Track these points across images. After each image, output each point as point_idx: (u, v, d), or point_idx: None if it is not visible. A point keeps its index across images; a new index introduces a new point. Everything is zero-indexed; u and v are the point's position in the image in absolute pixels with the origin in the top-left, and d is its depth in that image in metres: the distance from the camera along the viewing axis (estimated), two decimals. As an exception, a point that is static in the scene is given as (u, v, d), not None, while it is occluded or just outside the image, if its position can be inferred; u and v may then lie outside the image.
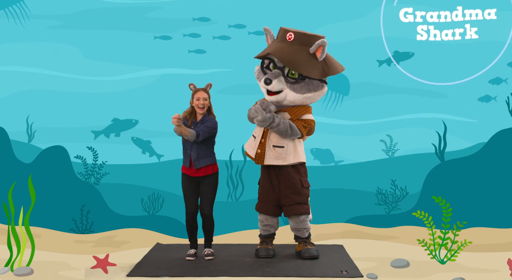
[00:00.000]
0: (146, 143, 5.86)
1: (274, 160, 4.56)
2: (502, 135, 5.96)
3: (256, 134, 4.65)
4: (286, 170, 4.60)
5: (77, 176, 5.99)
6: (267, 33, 4.65)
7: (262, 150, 4.58)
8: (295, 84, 4.46)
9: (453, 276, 4.08)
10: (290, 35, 4.45)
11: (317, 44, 4.36)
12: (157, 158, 6.03)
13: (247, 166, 6.02)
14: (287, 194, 4.60)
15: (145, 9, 6.13)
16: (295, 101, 4.51)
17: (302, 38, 4.43)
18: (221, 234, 5.59)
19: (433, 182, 5.96)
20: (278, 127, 4.41)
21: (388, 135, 6.10)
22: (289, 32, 4.47)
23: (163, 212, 5.97)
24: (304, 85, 4.47)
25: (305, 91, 4.48)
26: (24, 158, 5.99)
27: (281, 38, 4.52)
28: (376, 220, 5.97)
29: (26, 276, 4.17)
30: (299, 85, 4.47)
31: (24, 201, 4.78)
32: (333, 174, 6.03)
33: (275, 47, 4.50)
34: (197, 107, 4.56)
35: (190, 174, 4.60)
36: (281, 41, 4.50)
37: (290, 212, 4.61)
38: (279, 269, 4.26)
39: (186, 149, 4.59)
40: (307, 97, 4.51)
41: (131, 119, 5.91)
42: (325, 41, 4.35)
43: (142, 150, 5.95)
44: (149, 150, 5.92)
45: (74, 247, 5.34)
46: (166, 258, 4.68)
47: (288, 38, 4.46)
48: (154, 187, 6.00)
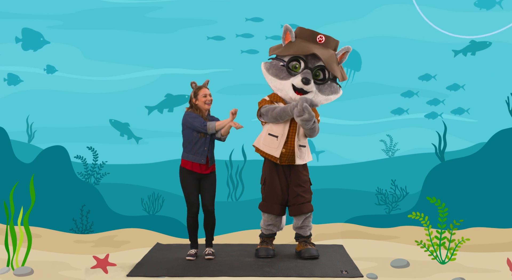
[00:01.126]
0: (124, 126, 5.81)
1: (299, 159, 4.61)
2: (502, 135, 5.96)
3: (279, 134, 4.56)
4: (298, 169, 4.64)
5: (77, 176, 5.99)
6: (289, 31, 4.58)
7: (287, 149, 4.55)
8: (321, 85, 4.56)
9: (453, 276, 4.08)
10: (321, 38, 4.55)
11: (343, 49, 4.54)
12: (136, 141, 5.98)
13: (247, 166, 6.02)
14: (298, 192, 4.61)
15: (145, 9, 6.13)
16: (320, 101, 4.58)
17: (332, 42, 4.58)
18: (221, 234, 5.59)
19: (433, 182, 5.96)
20: (315, 126, 4.46)
21: (388, 135, 6.11)
22: (319, 35, 4.55)
23: (163, 212, 5.97)
24: (327, 87, 4.59)
25: (328, 93, 4.58)
26: (24, 158, 5.99)
27: (310, 39, 4.55)
28: (376, 220, 5.98)
29: (26, 276, 4.17)
30: (324, 87, 4.57)
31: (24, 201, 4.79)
32: (333, 174, 6.03)
33: (315, 48, 4.48)
34: (204, 104, 4.57)
35: (201, 171, 4.58)
36: (312, 42, 4.54)
37: (299, 211, 4.62)
38: (279, 269, 4.26)
39: (203, 145, 4.55)
40: (328, 99, 4.61)
41: (183, 95, 5.89)
42: (350, 47, 4.55)
43: (120, 133, 5.90)
44: (127, 133, 5.87)
45: (74, 247, 5.34)
46: (166, 258, 4.68)
47: (318, 40, 4.54)
48: (154, 187, 6.00)
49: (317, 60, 4.53)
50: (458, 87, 6.05)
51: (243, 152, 6.02)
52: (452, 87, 6.06)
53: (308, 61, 4.53)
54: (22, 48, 5.99)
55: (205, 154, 4.55)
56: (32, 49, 5.93)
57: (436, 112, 6.09)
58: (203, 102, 4.56)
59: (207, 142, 4.55)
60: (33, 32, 5.88)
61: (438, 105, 6.07)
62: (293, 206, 4.64)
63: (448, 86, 6.06)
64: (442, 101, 6.07)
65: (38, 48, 5.94)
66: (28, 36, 5.91)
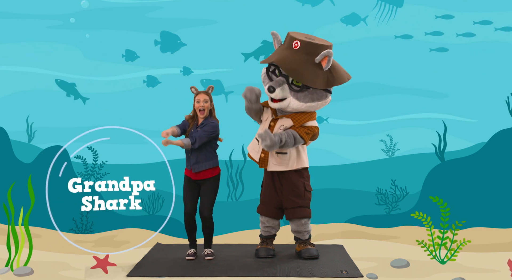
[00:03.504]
0: (70, 86, 5.75)
1: (277, 166, 4.56)
2: (502, 135, 5.96)
3: None
4: (289, 174, 4.60)
5: (77, 176, 5.99)
6: (275, 38, 4.59)
7: (265, 154, 4.56)
8: (298, 93, 4.43)
9: (453, 276, 4.08)
10: (296, 44, 4.37)
11: (322, 54, 4.29)
12: (83, 101, 5.93)
13: (247, 166, 6.02)
14: (289, 197, 4.60)
15: (145, 9, 6.13)
16: (298, 109, 4.48)
17: (308, 47, 4.35)
18: (221, 234, 5.59)
19: (433, 182, 5.96)
20: (286, 145, 4.41)
21: (388, 135, 6.11)
22: (295, 40, 4.38)
23: (163, 212, 5.97)
24: (308, 94, 4.43)
25: (308, 100, 4.44)
26: (24, 158, 5.99)
27: (288, 45, 4.45)
28: (376, 220, 5.97)
29: (26, 276, 4.17)
30: (302, 94, 4.43)
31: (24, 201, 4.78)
32: (333, 174, 6.02)
33: (280, 55, 4.45)
34: (197, 110, 4.57)
35: (191, 176, 4.64)
36: (287, 49, 4.44)
37: (292, 215, 4.60)
38: (279, 269, 4.26)
39: (188, 152, 4.61)
40: (310, 106, 4.47)
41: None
42: (330, 52, 4.28)
43: (67, 93, 5.84)
44: (74, 93, 5.80)
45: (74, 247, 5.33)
46: (166, 258, 4.68)
47: (294, 46, 4.38)
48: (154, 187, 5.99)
49: None
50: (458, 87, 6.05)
51: (243, 152, 6.02)
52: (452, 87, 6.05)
53: (280, 69, 4.47)
54: (161, 51, 6.04)
55: (190, 160, 4.60)
56: (169, 52, 5.98)
57: (436, 112, 6.08)
58: (196, 108, 4.59)
59: (190, 149, 4.57)
60: (171, 35, 5.95)
61: (438, 105, 6.06)
62: (287, 210, 4.64)
63: (448, 86, 6.05)
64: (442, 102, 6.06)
65: (175, 51, 6.00)
66: (166, 39, 5.97)
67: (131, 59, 5.85)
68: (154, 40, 5.93)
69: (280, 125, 4.52)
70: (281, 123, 4.53)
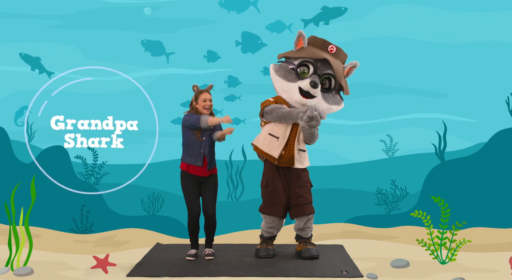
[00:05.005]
0: (35, 60, 5.68)
1: (298, 163, 4.63)
2: (502, 135, 5.96)
3: (280, 135, 4.56)
4: (297, 171, 4.66)
5: (77, 176, 5.99)
6: (303, 37, 4.65)
7: (287, 152, 4.57)
8: (325, 93, 4.59)
9: (453, 276, 4.08)
10: (332, 48, 4.62)
11: (351, 63, 4.64)
12: (48, 76, 5.87)
13: (247, 166, 6.02)
14: (300, 193, 4.61)
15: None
16: (323, 112, 4.57)
17: (341, 54, 4.66)
18: (221, 234, 5.59)
19: (433, 182, 5.96)
20: (315, 131, 4.51)
21: (388, 135, 6.11)
22: (331, 45, 4.61)
23: (163, 212, 5.97)
24: (332, 96, 4.62)
25: (332, 102, 4.61)
26: (24, 158, 5.99)
27: (322, 47, 4.61)
28: (376, 220, 5.98)
29: (26, 276, 4.17)
30: (328, 96, 4.60)
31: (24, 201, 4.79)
32: (333, 174, 6.03)
33: (326, 55, 4.54)
34: (203, 109, 4.57)
35: (199, 174, 4.58)
36: (323, 51, 4.59)
37: (301, 212, 4.61)
38: (279, 269, 4.26)
39: (199, 148, 4.56)
40: (330, 108, 4.62)
41: (339, 7, 5.84)
42: (358, 63, 4.66)
43: (31, 67, 5.78)
44: (39, 67, 5.74)
45: (74, 247, 5.34)
46: (166, 258, 4.68)
47: (330, 49, 4.61)
48: (154, 187, 6.01)
49: (325, 68, 4.57)
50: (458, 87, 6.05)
51: (243, 152, 6.02)
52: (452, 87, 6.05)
53: (317, 67, 4.56)
54: (242, 51, 6.04)
55: (201, 156, 4.54)
56: (250, 52, 5.99)
57: (436, 112, 6.08)
58: (202, 106, 4.56)
59: (203, 145, 4.55)
60: (251, 36, 5.96)
61: (438, 105, 6.06)
62: (295, 207, 4.64)
63: (448, 86, 6.06)
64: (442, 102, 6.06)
65: (256, 51, 6.01)
66: (247, 39, 5.98)
67: (212, 60, 5.85)
68: (235, 41, 5.94)
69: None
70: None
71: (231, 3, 5.99)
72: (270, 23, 6.03)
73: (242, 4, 6.02)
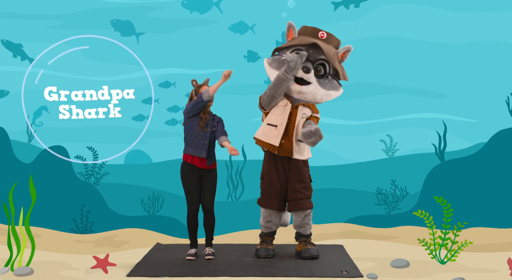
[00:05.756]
0: (17, 46, 5.63)
1: (297, 154, 4.62)
2: (502, 135, 5.96)
3: (278, 123, 4.55)
4: (297, 164, 4.64)
5: (77, 176, 5.99)
6: (293, 28, 4.69)
7: (286, 141, 4.56)
8: (321, 79, 4.58)
9: (453, 276, 4.08)
10: (323, 34, 4.62)
11: (345, 47, 4.62)
12: (29, 62, 5.81)
13: (247, 166, 6.02)
14: (297, 188, 4.61)
15: (145, 9, 6.12)
16: (317, 95, 4.57)
17: (333, 39, 4.66)
18: (221, 234, 5.59)
19: (433, 182, 5.96)
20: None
21: (388, 135, 6.10)
22: (321, 31, 4.62)
23: (163, 212, 5.97)
24: (328, 82, 4.61)
25: (329, 87, 4.60)
26: (24, 158, 5.99)
27: (313, 35, 4.63)
28: (376, 220, 5.98)
29: (26, 276, 4.17)
30: (324, 81, 4.59)
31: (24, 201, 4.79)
32: (333, 174, 6.03)
33: (317, 41, 4.54)
34: None
35: (201, 165, 4.59)
36: (314, 37, 4.61)
37: (297, 207, 4.61)
38: (279, 269, 4.26)
39: (204, 139, 4.57)
40: (328, 94, 4.61)
41: None
42: (351, 47, 4.62)
43: (13, 54, 5.73)
44: (21, 54, 5.69)
45: (74, 247, 5.34)
46: (166, 258, 4.68)
47: (320, 36, 4.61)
48: (154, 187, 6.01)
49: (318, 54, 4.56)
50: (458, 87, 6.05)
51: (243, 152, 6.02)
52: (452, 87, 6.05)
53: (309, 54, 4.55)
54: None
55: (205, 147, 4.55)
56: None
57: (436, 112, 6.08)
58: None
59: (207, 136, 4.57)
60: None
61: (438, 105, 6.06)
62: (291, 202, 4.64)
63: (448, 86, 6.05)
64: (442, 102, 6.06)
65: None
66: None
67: (253, 60, 5.85)
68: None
69: (302, 113, 4.57)
70: (302, 111, 4.58)
71: (193, 4, 5.94)
72: (233, 24, 6.02)
73: (205, 4, 5.99)
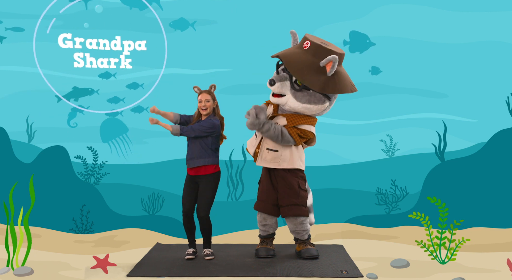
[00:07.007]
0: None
1: (267, 162, 4.60)
2: (502, 135, 5.96)
3: (258, 134, 4.70)
4: (282, 172, 4.63)
5: (77, 176, 5.99)
6: (293, 36, 4.68)
7: (258, 149, 4.65)
8: (297, 92, 4.48)
9: (453, 276, 4.09)
10: (307, 44, 4.46)
11: (327, 59, 4.31)
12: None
13: (247, 166, 6.02)
14: (284, 195, 4.61)
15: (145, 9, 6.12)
16: (294, 108, 4.53)
17: (317, 49, 4.40)
18: (221, 234, 5.60)
19: (433, 182, 5.96)
20: (268, 133, 4.47)
21: (388, 135, 6.11)
22: (307, 40, 4.48)
23: (163, 212, 5.97)
24: (306, 95, 4.48)
25: (305, 101, 4.48)
26: (24, 158, 5.99)
27: (300, 44, 4.57)
28: (376, 220, 5.98)
29: (26, 276, 4.17)
30: (301, 94, 4.48)
31: (24, 201, 4.79)
32: (333, 174, 6.03)
33: (288, 51, 4.54)
34: (200, 109, 4.63)
35: (189, 172, 4.67)
36: (298, 48, 4.55)
37: (287, 213, 4.61)
38: (279, 269, 4.26)
39: (188, 147, 4.67)
40: (307, 108, 4.51)
41: None
42: (336, 57, 4.30)
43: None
44: None
45: (74, 247, 5.34)
46: (166, 258, 4.68)
47: (304, 46, 4.49)
48: (154, 187, 6.01)
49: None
50: (458, 87, 6.05)
51: (243, 152, 6.02)
52: (452, 87, 6.05)
53: (279, 65, 4.62)
54: (349, 51, 5.93)
55: (187, 154, 4.65)
56: (358, 52, 5.91)
57: (436, 112, 6.08)
58: (199, 107, 4.65)
59: (189, 143, 4.65)
60: (360, 35, 5.87)
61: (438, 105, 6.06)
62: (282, 208, 4.65)
63: (448, 86, 6.05)
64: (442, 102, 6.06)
65: (364, 50, 5.93)
66: (355, 38, 5.90)
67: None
68: (343, 40, 5.82)
69: (274, 122, 4.59)
70: (275, 121, 4.61)
71: (132, 1, 5.87)
72: (173, 21, 5.98)
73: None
